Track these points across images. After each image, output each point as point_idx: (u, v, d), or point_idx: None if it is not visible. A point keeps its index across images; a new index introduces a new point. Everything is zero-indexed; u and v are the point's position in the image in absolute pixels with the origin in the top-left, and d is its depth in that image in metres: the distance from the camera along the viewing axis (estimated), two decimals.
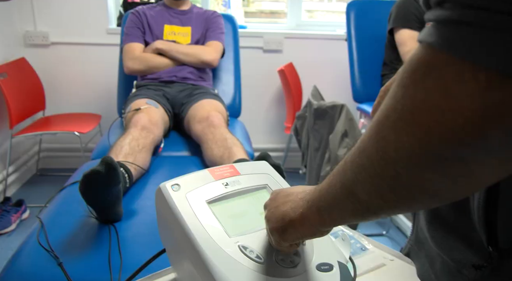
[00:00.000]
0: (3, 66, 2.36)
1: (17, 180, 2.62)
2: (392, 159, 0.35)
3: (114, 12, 2.79)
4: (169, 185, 0.70)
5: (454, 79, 0.30)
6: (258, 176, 0.78)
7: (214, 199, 0.70)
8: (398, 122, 0.34)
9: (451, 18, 0.30)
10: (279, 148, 3.01)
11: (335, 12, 6.05)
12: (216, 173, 0.75)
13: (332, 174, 0.45)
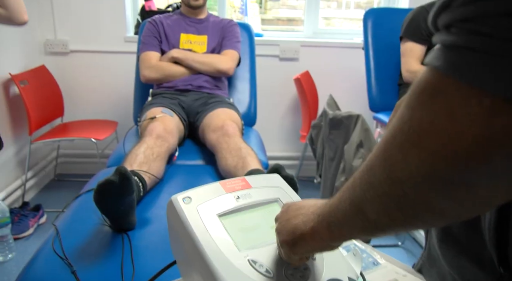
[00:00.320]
0: (24, 73, 2.42)
1: (35, 185, 2.66)
2: (399, 179, 0.35)
3: (132, 21, 2.83)
4: (180, 197, 0.70)
5: (460, 104, 0.30)
6: (269, 189, 0.78)
7: (225, 212, 0.70)
8: (405, 143, 0.34)
9: (457, 43, 0.31)
10: (295, 157, 3.00)
11: (353, 19, 6.02)
12: (228, 186, 0.74)
13: (342, 190, 0.46)
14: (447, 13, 0.32)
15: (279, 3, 6.72)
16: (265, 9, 6.86)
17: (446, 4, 0.32)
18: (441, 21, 0.33)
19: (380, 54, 2.36)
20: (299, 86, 2.54)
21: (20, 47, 2.48)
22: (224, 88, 2.05)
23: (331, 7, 6.56)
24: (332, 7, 6.60)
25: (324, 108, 1.84)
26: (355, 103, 2.83)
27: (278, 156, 3.00)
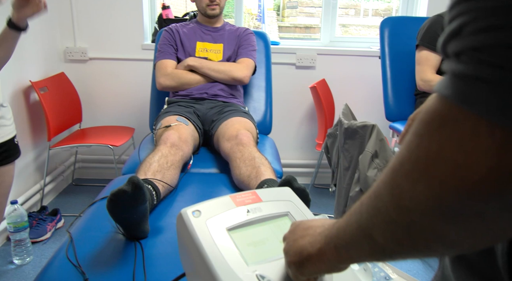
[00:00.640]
0: (44, 80, 2.47)
1: (54, 190, 2.71)
2: (407, 207, 0.35)
3: (149, 29, 2.87)
4: (190, 211, 0.70)
5: (469, 134, 0.30)
6: (280, 203, 0.77)
7: (234, 226, 0.70)
8: (413, 172, 0.34)
9: (467, 72, 0.30)
10: (310, 164, 2.98)
11: (371, 27, 5.97)
12: (238, 199, 0.74)
13: (350, 213, 0.46)
14: (458, 41, 0.31)
15: (296, 11, 6.73)
16: (283, 17, 6.86)
17: (456, 31, 0.31)
18: (451, 48, 0.32)
19: (396, 63, 2.34)
20: (315, 95, 2.53)
21: (41, 55, 2.54)
22: (240, 97, 2.06)
23: (349, 14, 6.51)
24: (350, 14, 6.55)
25: (339, 118, 1.82)
26: (371, 111, 2.80)
27: (294, 164, 2.99)
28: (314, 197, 2.81)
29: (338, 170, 1.87)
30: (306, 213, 0.77)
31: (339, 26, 5.72)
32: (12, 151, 1.41)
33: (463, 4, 0.31)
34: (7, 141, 1.36)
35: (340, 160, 1.83)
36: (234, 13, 2.92)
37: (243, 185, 1.42)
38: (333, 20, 2.93)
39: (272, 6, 6.54)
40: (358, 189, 1.58)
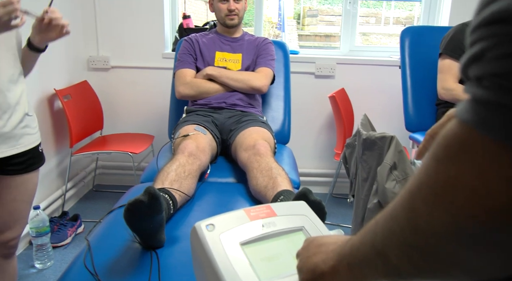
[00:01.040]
0: (68, 88, 2.53)
1: (75, 196, 2.76)
2: (423, 231, 0.35)
3: (170, 38, 2.91)
4: (204, 225, 0.70)
5: (489, 161, 0.29)
6: (294, 217, 0.77)
7: (248, 241, 0.70)
8: (430, 196, 0.34)
9: (488, 98, 0.30)
10: (329, 174, 2.96)
11: (392, 35, 5.90)
12: (252, 213, 0.74)
13: (364, 231, 0.45)
14: (479, 65, 0.31)
15: (316, 19, 6.72)
16: (303, 25, 6.86)
17: (477, 56, 0.31)
18: (472, 72, 0.32)
19: (417, 73, 2.31)
20: (334, 104, 2.52)
21: (65, 64, 2.60)
22: (258, 106, 2.07)
23: (369, 22, 6.46)
24: (371, 22, 6.50)
25: (357, 128, 1.81)
26: (391, 122, 2.77)
27: (312, 173, 2.97)
28: (332, 207, 2.78)
29: (356, 181, 1.85)
30: (320, 228, 0.77)
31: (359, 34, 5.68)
32: (37, 159, 1.44)
33: (485, 28, 0.30)
34: (31, 149, 1.39)
35: (358, 171, 1.81)
36: (254, 22, 2.93)
37: (259, 195, 1.42)
38: (353, 29, 2.92)
39: (292, 15, 6.57)
40: (376, 201, 1.56)
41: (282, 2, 5.69)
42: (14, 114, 1.30)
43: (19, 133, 1.32)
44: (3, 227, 1.41)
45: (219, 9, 2.03)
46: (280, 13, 5.90)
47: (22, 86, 1.35)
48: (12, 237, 1.45)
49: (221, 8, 2.02)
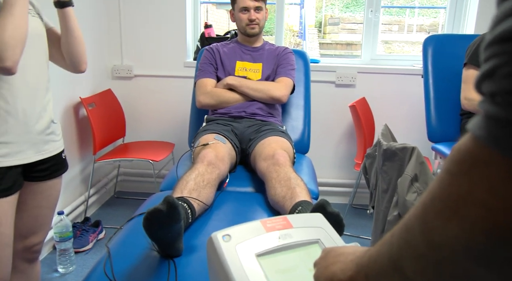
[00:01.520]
0: (93, 97, 2.59)
1: (97, 202, 2.81)
2: (437, 244, 0.35)
3: (192, 47, 2.95)
4: (220, 235, 0.71)
5: (502, 177, 0.30)
6: (311, 230, 0.76)
7: (264, 252, 0.70)
8: (444, 210, 0.34)
9: (501, 115, 0.30)
10: (349, 184, 2.93)
11: (415, 43, 5.82)
12: (268, 225, 0.74)
13: (381, 242, 0.46)
14: (492, 82, 0.31)
15: (338, 27, 6.69)
16: (324, 33, 6.84)
17: (490, 72, 0.31)
18: (486, 88, 0.32)
19: (440, 82, 2.27)
20: (354, 113, 2.50)
21: (91, 73, 2.67)
22: (278, 116, 2.07)
23: (392, 30, 6.39)
24: (393, 30, 6.42)
25: (378, 138, 1.79)
26: (413, 132, 2.73)
27: (332, 183, 2.95)
28: (352, 218, 2.75)
29: (376, 192, 1.83)
30: (337, 241, 0.76)
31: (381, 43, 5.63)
32: (60, 165, 1.47)
33: (497, 45, 0.31)
34: (55, 156, 1.43)
35: (378, 182, 1.78)
36: (275, 30, 2.94)
37: (277, 205, 1.42)
38: (374, 38, 2.90)
39: (313, 23, 6.57)
40: (396, 214, 1.54)
41: (303, 10, 5.72)
42: (41, 120, 1.34)
43: (45, 140, 1.36)
44: (28, 233, 1.45)
45: (240, 19, 2.05)
46: (301, 22, 5.91)
47: (50, 94, 1.40)
48: (36, 242, 1.49)
49: (242, 18, 2.04)
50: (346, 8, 7.76)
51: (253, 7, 2.01)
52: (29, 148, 1.30)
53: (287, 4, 3.04)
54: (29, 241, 1.46)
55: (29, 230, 1.45)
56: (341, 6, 7.79)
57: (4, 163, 1.23)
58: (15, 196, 1.30)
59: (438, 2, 5.35)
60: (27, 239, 1.45)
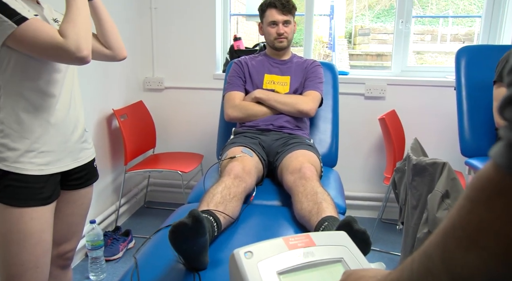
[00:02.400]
0: (125, 108, 2.66)
1: (127, 211, 2.87)
2: (459, 275, 0.34)
3: (221, 59, 2.99)
4: (242, 252, 0.71)
5: None
6: (334, 248, 0.76)
7: (285, 270, 0.70)
8: (464, 239, 0.33)
9: None
10: (378, 198, 2.88)
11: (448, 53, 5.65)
12: (291, 242, 0.74)
13: (402, 268, 0.45)
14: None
15: (368, 38, 6.64)
16: (354, 44, 6.81)
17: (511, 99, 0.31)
18: (508, 114, 0.32)
19: (474, 95, 2.21)
20: (384, 127, 2.46)
21: (123, 85, 2.75)
22: (305, 129, 2.06)
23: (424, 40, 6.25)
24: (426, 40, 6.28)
25: (407, 153, 1.75)
26: (445, 146, 2.66)
27: (360, 197, 2.91)
28: (381, 233, 2.69)
29: (405, 208, 1.79)
30: (360, 260, 0.75)
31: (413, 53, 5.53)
32: (92, 174, 1.52)
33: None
34: (87, 164, 1.48)
35: (407, 197, 1.74)
36: (304, 41, 2.94)
37: (304, 220, 1.41)
38: (405, 49, 2.86)
39: (343, 34, 6.55)
40: (426, 231, 1.49)
41: (333, 21, 5.70)
42: (76, 130, 1.39)
43: (79, 148, 1.41)
44: (61, 240, 1.49)
45: (269, 32, 2.07)
46: (330, 33, 5.89)
47: (81, 103, 1.45)
48: (69, 249, 1.54)
49: (270, 31, 2.06)
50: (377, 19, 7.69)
51: (282, 21, 2.03)
52: (66, 156, 1.36)
53: (317, 15, 3.04)
54: (62, 248, 1.51)
55: (63, 237, 1.49)
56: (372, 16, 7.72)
57: (47, 171, 1.29)
58: (54, 204, 1.35)
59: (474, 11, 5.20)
60: (60, 246, 1.50)
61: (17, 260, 1.28)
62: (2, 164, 1.22)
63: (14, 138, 1.23)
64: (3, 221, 1.25)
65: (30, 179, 1.25)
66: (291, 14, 2.05)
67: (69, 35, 1.16)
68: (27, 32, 1.13)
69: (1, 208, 1.24)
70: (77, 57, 1.17)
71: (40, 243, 1.31)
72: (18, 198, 1.24)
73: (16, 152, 1.23)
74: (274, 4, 2.03)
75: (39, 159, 1.26)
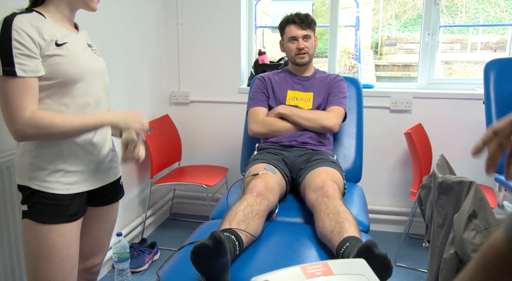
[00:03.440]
0: (152, 122, 2.71)
1: (153, 223, 2.92)
2: None
3: (246, 73, 3.02)
4: (260, 280, 0.72)
5: None
6: (352, 277, 0.75)
7: None
8: None
9: None
10: (404, 212, 2.83)
11: (479, 62, 5.50)
12: (309, 271, 0.74)
13: None
14: None
15: (395, 48, 6.56)
16: (380, 54, 6.74)
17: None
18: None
19: (504, 109, 2.15)
20: (409, 141, 2.42)
21: (150, 99, 2.81)
22: (329, 144, 2.06)
23: (453, 49, 6.12)
24: (455, 49, 6.14)
25: (433, 169, 1.72)
26: (474, 161, 2.58)
27: (386, 211, 2.86)
28: (407, 248, 2.64)
29: (431, 226, 1.75)
30: None
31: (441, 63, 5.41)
32: (117, 192, 1.56)
33: None
34: (114, 182, 1.52)
35: (433, 215, 1.71)
36: (328, 53, 2.92)
37: (325, 239, 1.40)
38: (431, 61, 2.81)
39: (369, 44, 6.48)
40: (453, 252, 1.46)
41: (358, 32, 5.67)
42: (103, 149, 1.43)
43: (106, 167, 1.45)
44: (88, 254, 1.54)
45: (289, 49, 2.08)
46: (356, 44, 5.85)
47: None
48: (95, 263, 1.58)
49: (291, 47, 2.07)
50: (404, 28, 7.59)
51: (301, 36, 2.04)
52: (93, 176, 1.40)
53: (342, 26, 3.03)
54: (89, 262, 1.55)
55: (89, 252, 1.54)
56: (399, 26, 7.62)
57: (73, 190, 1.33)
58: (81, 220, 1.40)
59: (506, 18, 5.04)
60: (87, 260, 1.54)
61: (45, 274, 1.32)
62: (32, 182, 1.27)
63: (44, 158, 1.28)
64: (32, 237, 1.30)
65: (57, 197, 1.29)
66: (310, 28, 2.05)
67: (36, 124, 1.16)
68: (5, 85, 1.14)
69: (31, 225, 1.29)
70: (14, 135, 1.19)
71: (67, 258, 1.35)
72: (46, 215, 1.29)
73: (44, 171, 1.27)
74: (292, 20, 2.04)
75: (66, 178, 1.30)
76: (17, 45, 1.13)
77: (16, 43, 1.13)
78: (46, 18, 1.23)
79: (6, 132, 1.51)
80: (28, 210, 1.29)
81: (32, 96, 1.18)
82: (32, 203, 1.28)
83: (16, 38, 1.13)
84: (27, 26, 1.15)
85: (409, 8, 8.72)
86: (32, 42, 1.16)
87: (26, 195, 1.29)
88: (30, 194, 1.28)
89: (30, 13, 1.20)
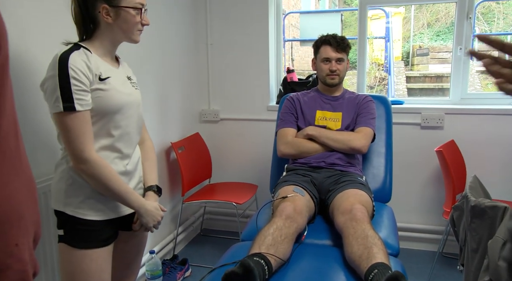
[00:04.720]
0: (182, 140, 2.78)
1: (184, 239, 2.97)
2: None
3: (275, 91, 3.05)
4: None
5: None
6: None
7: None
8: None
9: None
10: (437, 230, 2.77)
11: None
12: None
13: None
14: None
15: (427, 58, 6.42)
16: (412, 65, 6.60)
17: None
18: None
19: None
20: (441, 159, 2.38)
21: (181, 118, 2.88)
22: (357, 165, 2.05)
23: None
24: None
25: (465, 192, 1.68)
26: (510, 181, 2.51)
27: (418, 229, 2.81)
28: (442, 268, 2.58)
29: (465, 249, 1.71)
30: None
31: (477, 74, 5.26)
32: None
33: None
34: None
35: (467, 239, 1.67)
36: (357, 65, 2.89)
37: (354, 264, 1.40)
38: (464, 76, 2.75)
39: (400, 55, 6.37)
40: (488, 279, 1.42)
41: (389, 43, 5.58)
42: (133, 178, 1.48)
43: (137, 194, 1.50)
44: (121, 276, 1.59)
45: (321, 68, 2.10)
46: (386, 56, 5.77)
47: (139, 153, 1.55)
48: None
49: (323, 68, 2.09)
50: (437, 36, 7.42)
51: (335, 58, 2.05)
52: None
53: (371, 37, 3.00)
54: None
55: (121, 274, 1.59)
56: (432, 35, 7.46)
57: (104, 217, 1.39)
58: (112, 245, 1.45)
59: None
60: None
61: None
62: (67, 208, 1.34)
63: (78, 186, 1.34)
64: (68, 262, 1.36)
65: (90, 223, 1.35)
66: (345, 52, 2.07)
67: (93, 171, 1.28)
68: (67, 120, 1.23)
69: (66, 249, 1.35)
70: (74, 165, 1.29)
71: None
72: (80, 240, 1.35)
73: (78, 198, 1.34)
74: (329, 42, 2.06)
75: (98, 205, 1.36)
76: (75, 82, 1.22)
77: (74, 80, 1.22)
78: (92, 53, 1.31)
79: (44, 157, 1.60)
80: (63, 235, 1.36)
81: (90, 129, 1.28)
82: (68, 228, 1.35)
83: (73, 76, 1.22)
84: (81, 64, 1.24)
85: (442, 16, 8.50)
86: (86, 78, 1.25)
87: (62, 221, 1.36)
88: (65, 220, 1.35)
89: (79, 50, 1.28)
